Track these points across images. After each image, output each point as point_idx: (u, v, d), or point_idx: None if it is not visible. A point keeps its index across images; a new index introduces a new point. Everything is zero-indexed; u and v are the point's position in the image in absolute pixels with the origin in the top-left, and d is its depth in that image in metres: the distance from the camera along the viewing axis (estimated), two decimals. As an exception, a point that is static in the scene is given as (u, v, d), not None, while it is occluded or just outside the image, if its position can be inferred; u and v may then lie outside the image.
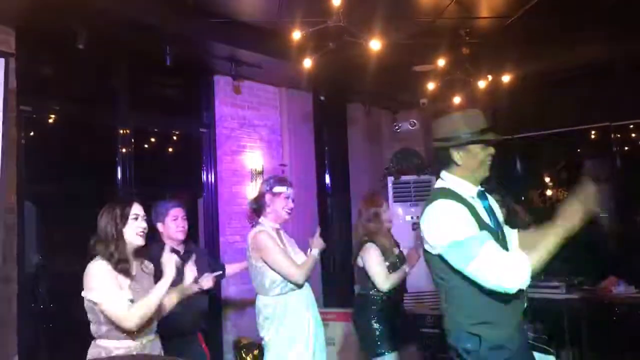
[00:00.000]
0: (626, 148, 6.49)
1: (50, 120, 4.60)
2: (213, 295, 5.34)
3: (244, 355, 5.23)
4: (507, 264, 2.14)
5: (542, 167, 7.42)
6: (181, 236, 3.59)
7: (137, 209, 2.82)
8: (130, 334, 2.70)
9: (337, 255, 6.82)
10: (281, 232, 3.62)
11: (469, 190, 2.38)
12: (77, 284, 2.73)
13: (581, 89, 6.00)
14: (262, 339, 3.52)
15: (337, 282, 6.65)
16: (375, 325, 3.90)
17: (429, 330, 5.70)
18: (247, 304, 5.23)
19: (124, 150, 4.90)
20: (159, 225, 3.56)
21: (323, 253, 3.89)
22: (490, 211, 2.41)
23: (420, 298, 6.49)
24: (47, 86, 4.53)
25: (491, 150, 2.38)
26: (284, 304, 3.42)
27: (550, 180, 7.44)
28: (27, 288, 4.17)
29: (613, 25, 4.81)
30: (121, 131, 4.92)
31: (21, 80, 4.12)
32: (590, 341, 5.04)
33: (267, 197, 3.55)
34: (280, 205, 3.53)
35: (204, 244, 5.55)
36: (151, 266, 2.98)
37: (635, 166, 6.24)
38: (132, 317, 2.62)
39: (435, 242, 2.30)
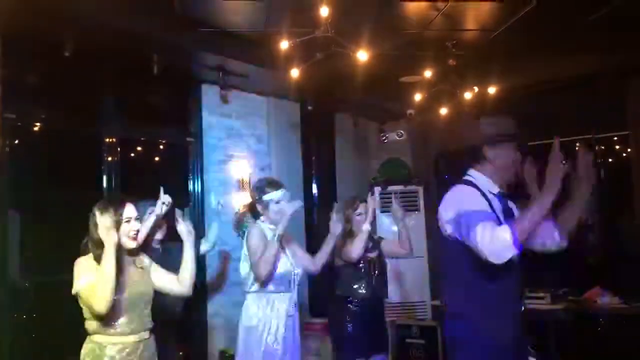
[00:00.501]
0: (610, 160, 6.56)
1: (35, 129, 4.56)
2: (198, 304, 5.35)
3: (229, 365, 5.19)
4: (493, 235, 2.23)
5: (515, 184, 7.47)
6: (160, 236, 3.67)
7: (129, 211, 2.81)
8: (123, 329, 2.71)
9: (324, 264, 6.78)
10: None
11: (491, 187, 2.56)
12: (61, 293, 2.71)
13: (565, 101, 6.05)
14: None
15: (324, 291, 6.62)
16: (348, 327, 4.06)
17: (415, 341, 5.72)
18: (232, 315, 5.20)
19: (109, 159, 4.86)
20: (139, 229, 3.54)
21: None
22: (507, 212, 2.55)
23: (406, 309, 6.50)
24: (32, 94, 4.48)
25: (519, 155, 2.58)
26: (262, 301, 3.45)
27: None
28: (10, 297, 4.11)
29: (596, 38, 4.87)
30: (107, 140, 4.88)
31: (5, 88, 4.08)
32: (575, 352, 5.07)
33: (258, 206, 3.54)
34: (273, 211, 3.51)
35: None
36: (147, 260, 2.97)
37: (619, 178, 6.31)
38: (96, 298, 2.59)
39: (446, 217, 2.47)
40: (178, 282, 2.97)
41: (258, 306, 3.46)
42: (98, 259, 2.67)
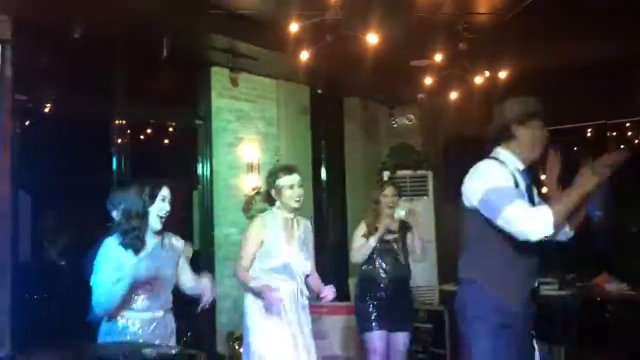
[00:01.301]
0: (622, 146, 6.50)
1: (46, 110, 4.58)
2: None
3: (236, 347, 5.24)
4: (532, 214, 2.34)
5: (539, 164, 7.43)
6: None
7: (165, 191, 2.94)
8: (139, 307, 2.81)
9: (331, 249, 6.83)
10: (295, 221, 3.58)
11: (516, 164, 2.63)
12: (71, 273, 2.75)
13: (577, 86, 5.99)
14: None
15: (330, 276, 6.64)
16: (367, 302, 4.25)
17: (422, 325, 5.73)
18: (240, 297, 5.23)
19: (119, 141, 4.89)
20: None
21: (317, 248, 3.96)
22: (529, 189, 2.64)
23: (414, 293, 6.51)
24: (43, 75, 4.50)
25: (546, 133, 2.66)
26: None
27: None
28: (21, 277, 4.17)
29: (610, 22, 4.81)
30: (117, 122, 4.91)
31: (17, 69, 4.10)
32: (583, 337, 5.07)
33: (273, 192, 3.55)
34: (286, 196, 3.51)
35: (198, 236, 5.56)
36: (178, 242, 3.09)
37: (631, 164, 6.25)
38: (103, 298, 2.70)
39: (473, 192, 2.54)
40: (193, 282, 3.12)
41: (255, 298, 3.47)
42: (127, 235, 2.76)
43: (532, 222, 2.32)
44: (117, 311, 2.79)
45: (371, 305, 4.25)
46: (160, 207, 2.90)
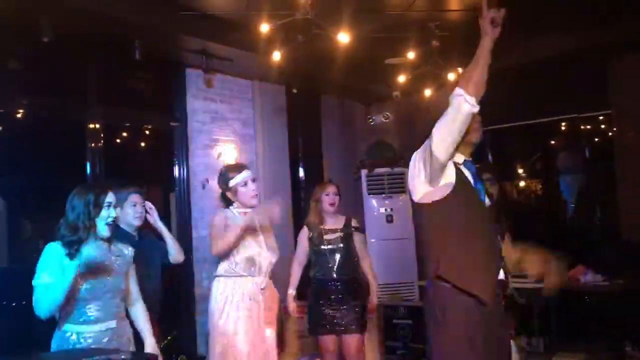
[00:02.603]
0: (595, 139, 6.60)
1: (18, 115, 4.53)
2: (183, 289, 5.37)
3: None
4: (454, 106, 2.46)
5: (515, 158, 7.51)
6: (138, 222, 3.61)
7: (110, 197, 2.80)
8: (87, 318, 2.70)
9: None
10: (254, 215, 3.57)
11: (457, 158, 2.60)
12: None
13: (549, 80, 6.06)
14: None
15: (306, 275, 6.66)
16: (312, 307, 4.22)
17: (402, 322, 5.77)
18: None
19: (93, 144, 4.84)
20: (117, 210, 3.54)
21: (295, 246, 3.98)
22: (477, 178, 2.62)
23: (393, 289, 6.55)
24: (14, 80, 4.45)
25: (478, 117, 2.59)
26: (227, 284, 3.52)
27: (524, 172, 7.54)
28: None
29: (582, 16, 4.87)
30: (90, 125, 4.86)
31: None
32: (560, 329, 5.14)
33: (229, 194, 3.56)
34: (242, 194, 3.53)
35: (176, 237, 5.51)
36: (127, 250, 2.98)
37: (604, 157, 6.35)
38: (41, 302, 2.62)
39: (414, 170, 2.58)
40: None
41: (224, 289, 3.52)
42: (69, 245, 2.66)
43: (454, 106, 2.43)
44: (64, 324, 2.71)
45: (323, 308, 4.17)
46: (106, 214, 2.76)
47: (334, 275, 4.18)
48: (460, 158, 2.61)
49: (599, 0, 4.49)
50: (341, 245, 4.22)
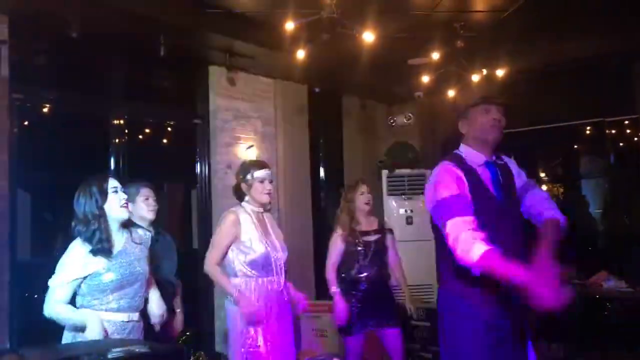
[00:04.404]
0: (621, 144, 6.51)
1: (44, 109, 4.58)
2: (202, 285, 5.40)
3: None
4: (465, 244, 2.22)
5: (537, 162, 7.43)
6: (152, 215, 3.60)
7: (113, 182, 2.80)
8: (112, 307, 2.69)
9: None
10: (265, 215, 3.62)
11: (477, 158, 2.54)
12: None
13: (576, 83, 6.00)
14: None
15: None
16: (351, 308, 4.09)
17: (420, 323, 5.73)
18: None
19: (117, 140, 4.89)
20: (129, 206, 3.56)
21: (316, 246, 3.97)
22: (496, 181, 2.54)
23: (412, 291, 6.51)
24: (40, 75, 4.50)
25: (494, 115, 2.51)
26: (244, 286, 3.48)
27: (546, 176, 7.46)
28: (19, 276, 4.17)
29: (608, 19, 4.82)
30: (115, 121, 4.91)
31: (14, 68, 4.10)
32: (581, 335, 5.07)
33: (243, 186, 3.57)
34: (257, 190, 3.54)
35: (197, 235, 5.56)
36: (146, 235, 2.98)
37: (629, 162, 6.26)
38: (51, 302, 2.68)
39: (428, 198, 2.50)
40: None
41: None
42: (89, 240, 2.66)
43: (459, 246, 2.23)
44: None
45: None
46: (116, 199, 2.74)
47: (369, 275, 4.15)
48: (481, 159, 2.55)
49: (625, 4, 4.43)
50: (376, 246, 4.20)
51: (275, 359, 3.46)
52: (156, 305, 3.00)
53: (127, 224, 2.87)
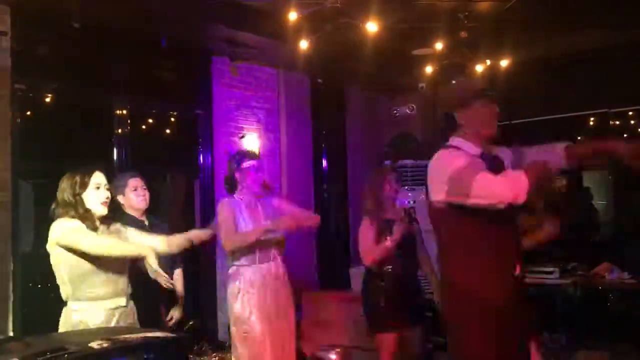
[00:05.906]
0: (625, 135, 6.47)
1: (46, 100, 4.58)
2: (204, 275, 5.41)
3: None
4: (505, 177, 2.29)
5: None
6: (143, 205, 3.62)
7: (98, 177, 2.81)
8: (97, 295, 2.71)
9: (334, 239, 6.84)
10: (259, 202, 3.65)
11: (472, 150, 2.52)
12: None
13: (580, 74, 5.97)
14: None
15: (333, 266, 6.66)
16: (380, 301, 3.81)
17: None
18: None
19: (119, 131, 4.88)
20: (120, 198, 3.57)
21: (319, 237, 3.95)
22: (494, 170, 2.49)
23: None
24: (42, 65, 4.49)
25: (494, 108, 2.53)
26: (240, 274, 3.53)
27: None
28: (22, 266, 4.18)
29: (613, 10, 4.78)
30: (117, 112, 4.90)
31: (16, 59, 4.10)
32: (583, 326, 5.07)
33: (237, 175, 3.58)
34: (250, 179, 3.58)
35: (199, 225, 5.55)
36: (120, 226, 2.96)
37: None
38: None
39: (438, 183, 2.43)
40: (164, 242, 3.01)
41: (236, 276, 3.55)
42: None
43: (507, 183, 2.24)
44: (70, 301, 2.74)
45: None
46: (96, 195, 2.78)
47: (399, 268, 3.82)
48: (475, 151, 2.52)
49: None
50: (406, 236, 3.80)
51: (274, 345, 3.50)
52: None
53: (106, 220, 2.87)
